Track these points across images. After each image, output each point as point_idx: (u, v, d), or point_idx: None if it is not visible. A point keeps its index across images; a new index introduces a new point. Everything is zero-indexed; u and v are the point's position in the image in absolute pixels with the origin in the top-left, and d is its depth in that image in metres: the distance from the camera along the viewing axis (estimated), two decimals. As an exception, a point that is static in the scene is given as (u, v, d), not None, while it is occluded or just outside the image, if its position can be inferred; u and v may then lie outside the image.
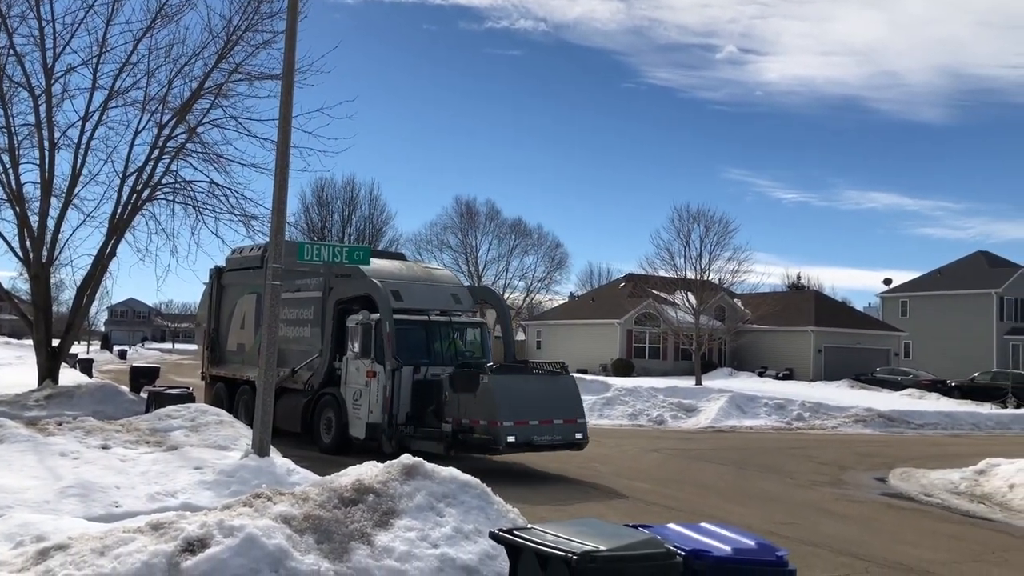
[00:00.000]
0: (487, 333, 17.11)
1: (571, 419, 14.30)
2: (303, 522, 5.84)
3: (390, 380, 14.91)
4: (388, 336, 15.04)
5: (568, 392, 14.64)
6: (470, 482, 6.77)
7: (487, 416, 13.55)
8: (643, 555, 4.89)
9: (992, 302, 57.74)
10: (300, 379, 17.28)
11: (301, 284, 17.90)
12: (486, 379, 13.73)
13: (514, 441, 13.45)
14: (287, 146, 11.45)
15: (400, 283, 16.49)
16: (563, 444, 14.17)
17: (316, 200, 49.68)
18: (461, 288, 18.07)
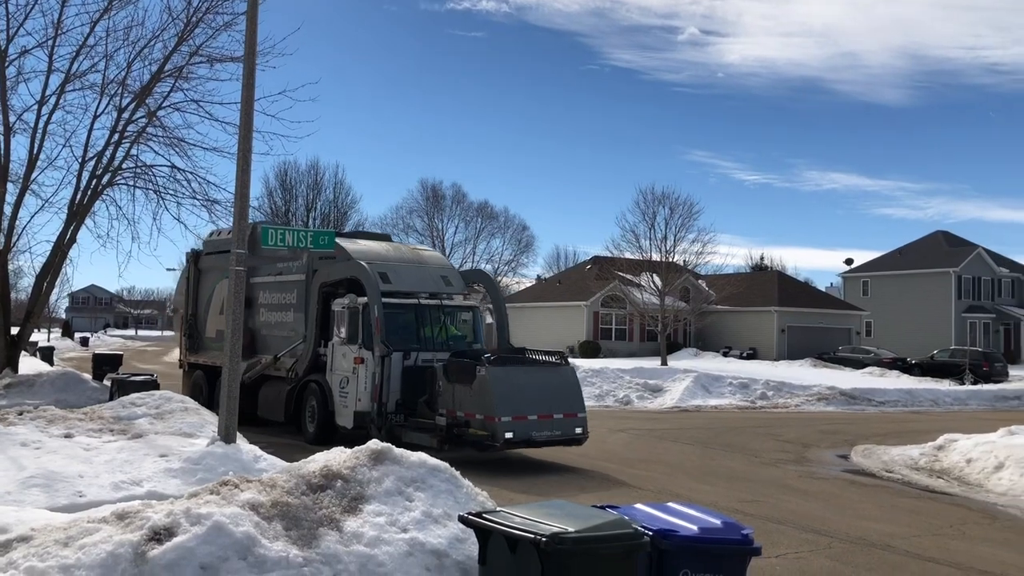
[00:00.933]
0: (480, 317, 16.59)
1: (571, 413, 13.62)
2: (271, 509, 5.81)
3: (379, 367, 14.25)
4: (376, 320, 14.37)
5: (568, 385, 13.95)
6: (439, 466, 6.78)
7: (484, 410, 12.91)
8: (611, 536, 4.95)
9: (951, 281, 58.75)
10: (283, 366, 16.62)
11: (283, 267, 17.30)
12: (483, 371, 13.00)
13: (512, 438, 12.81)
14: (249, 130, 11.31)
15: (388, 265, 15.79)
16: (563, 440, 13.54)
17: (280, 184, 49.28)
18: (452, 270, 17.35)
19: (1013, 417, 22.66)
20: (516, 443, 13.05)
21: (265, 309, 17.86)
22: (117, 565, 5.14)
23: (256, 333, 17.77)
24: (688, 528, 5.43)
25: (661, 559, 5.28)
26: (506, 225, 68.09)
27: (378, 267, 15.27)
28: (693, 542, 5.32)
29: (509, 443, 12.87)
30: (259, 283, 17.85)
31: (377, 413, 14.16)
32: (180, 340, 20.53)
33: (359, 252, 15.83)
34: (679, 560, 5.28)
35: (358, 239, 17.20)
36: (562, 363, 14.14)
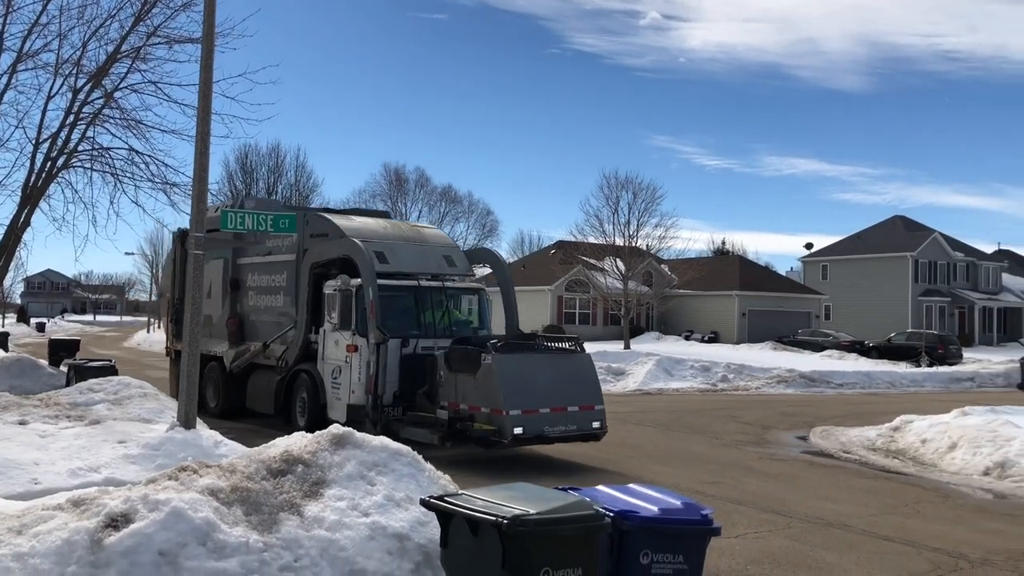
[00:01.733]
0: (486, 301, 15.22)
1: (588, 405, 12.28)
2: (231, 494, 5.76)
3: (374, 355, 13.01)
4: (371, 304, 13.12)
5: (584, 373, 12.64)
6: (401, 450, 6.76)
7: (490, 403, 11.64)
8: (573, 517, 4.97)
9: (908, 265, 59.70)
10: (273, 354, 15.40)
11: (272, 246, 16.11)
12: (489, 359, 11.77)
13: (522, 434, 11.52)
14: (208, 112, 11.14)
15: (385, 243, 14.50)
16: (578, 435, 12.25)
17: (240, 167, 48.70)
18: (455, 249, 16.01)
19: (967, 398, 23.13)
20: (527, 439, 11.79)
21: (254, 292, 16.68)
22: (72, 553, 5.07)
23: (245, 318, 16.83)
24: (649, 509, 5.47)
25: (622, 540, 5.32)
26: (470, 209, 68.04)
27: (374, 245, 14.06)
28: (653, 523, 5.36)
29: (519, 439, 11.60)
30: (247, 264, 16.88)
31: (372, 406, 12.99)
32: (167, 326, 19.27)
33: (353, 229, 14.57)
34: (640, 541, 5.32)
35: (353, 216, 15.94)
36: (577, 350, 12.89)
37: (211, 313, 17.29)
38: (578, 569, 4.90)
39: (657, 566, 5.34)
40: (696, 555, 5.49)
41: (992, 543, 8.99)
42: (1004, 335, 62.18)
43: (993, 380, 31.96)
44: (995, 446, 13.53)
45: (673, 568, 5.37)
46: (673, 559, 5.38)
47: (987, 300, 62.13)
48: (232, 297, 16.95)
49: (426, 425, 12.52)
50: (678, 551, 5.38)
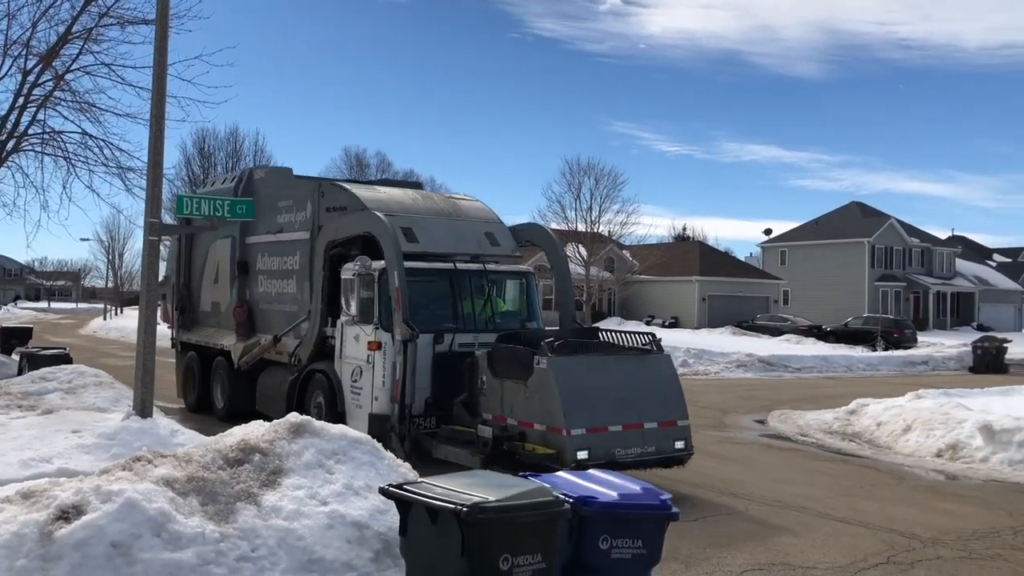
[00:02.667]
0: (534, 287, 12.88)
1: (669, 421, 9.99)
2: (186, 484, 5.68)
3: (401, 354, 10.62)
4: (397, 291, 10.75)
5: (663, 380, 10.28)
6: (360, 438, 6.72)
7: (546, 419, 9.38)
8: (532, 504, 4.97)
9: (864, 251, 60.58)
10: (285, 349, 13.10)
11: (284, 222, 13.79)
12: (544, 362, 9.46)
13: (587, 458, 9.05)
14: (163, 95, 10.93)
15: (414, 218, 12.14)
16: (656, 459, 9.85)
17: (198, 152, 47.89)
18: (499, 225, 13.36)
19: (921, 381, 23.54)
20: (593, 466, 8.55)
21: (264, 277, 14.40)
22: (22, 546, 4.97)
23: (254, 307, 14.55)
24: (608, 495, 5.49)
25: (582, 525, 5.34)
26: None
27: (400, 220, 11.73)
28: (612, 508, 5.39)
29: (583, 466, 8.65)
30: (256, 243, 14.60)
31: (399, 418, 10.64)
32: (172, 315, 17.28)
33: (376, 201, 12.22)
34: (599, 526, 5.34)
35: (378, 186, 13.52)
36: (654, 349, 10.49)
37: (218, 300, 15.64)
38: (537, 555, 4.91)
39: (616, 551, 5.36)
40: (655, 539, 5.53)
41: (943, 523, 9.17)
42: (957, 319, 63.41)
43: (946, 363, 32.58)
44: (947, 428, 13.80)
45: (632, 553, 5.41)
46: (632, 544, 5.41)
47: (941, 285, 63.28)
48: (240, 282, 14.82)
49: (465, 443, 10.33)
50: (637, 536, 5.42)
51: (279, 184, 14.13)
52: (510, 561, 4.81)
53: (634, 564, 5.42)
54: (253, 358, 13.90)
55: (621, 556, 5.37)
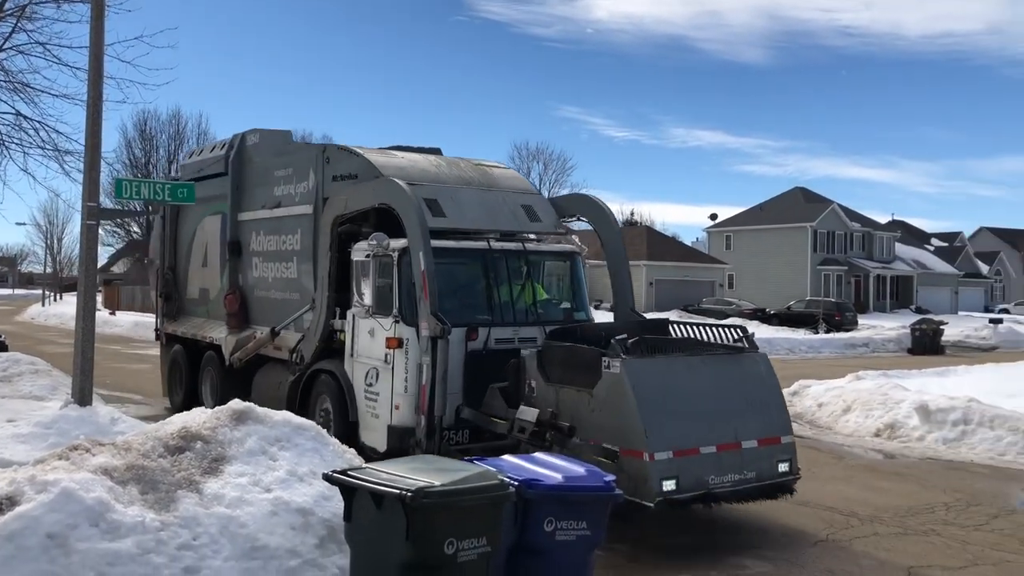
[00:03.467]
0: (582, 269, 11.05)
1: (771, 437, 8.08)
2: (125, 473, 5.58)
3: (428, 354, 8.76)
4: (424, 276, 8.87)
5: (762, 385, 8.33)
6: (304, 424, 6.67)
7: (620, 438, 7.40)
8: (477, 488, 4.98)
9: (807, 235, 61.66)
10: (285, 345, 11.22)
11: (282, 195, 11.81)
12: (617, 365, 7.51)
13: (675, 491, 7.28)
14: (100, 76, 10.65)
15: (439, 188, 10.23)
16: (757, 487, 7.89)
17: (139, 134, 46.94)
18: (538, 197, 11.51)
19: (861, 363, 24.09)
20: (682, 499, 7.37)
21: (260, 259, 12.39)
22: (-47, 538, 4.84)
23: (248, 294, 12.62)
24: (552, 477, 5.53)
25: (527, 508, 5.37)
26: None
27: (423, 191, 9.87)
28: (557, 491, 5.42)
29: (671, 500, 7.28)
30: (250, 220, 12.60)
31: (426, 432, 8.79)
32: (156, 302, 15.55)
33: (394, 168, 10.27)
34: (544, 508, 5.38)
35: (394, 151, 11.44)
36: (746, 346, 8.62)
37: (207, 286, 13.89)
38: (482, 539, 4.92)
39: (561, 532, 5.41)
40: (599, 521, 5.58)
41: (881, 500, 9.41)
42: (896, 302, 64.92)
43: (886, 345, 33.38)
44: (886, 408, 14.15)
45: (577, 534, 5.45)
46: (577, 525, 5.46)
47: (881, 269, 64.72)
48: (232, 266, 12.90)
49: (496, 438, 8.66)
50: (581, 517, 5.47)
51: (276, 150, 12.27)
52: (455, 545, 4.82)
53: (579, 545, 5.47)
54: (247, 354, 11.99)
55: (566, 538, 5.42)
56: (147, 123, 46.87)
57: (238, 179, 12.72)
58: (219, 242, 13.33)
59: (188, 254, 14.48)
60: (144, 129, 46.66)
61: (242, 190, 12.70)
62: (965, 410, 13.45)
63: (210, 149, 13.84)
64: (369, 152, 10.71)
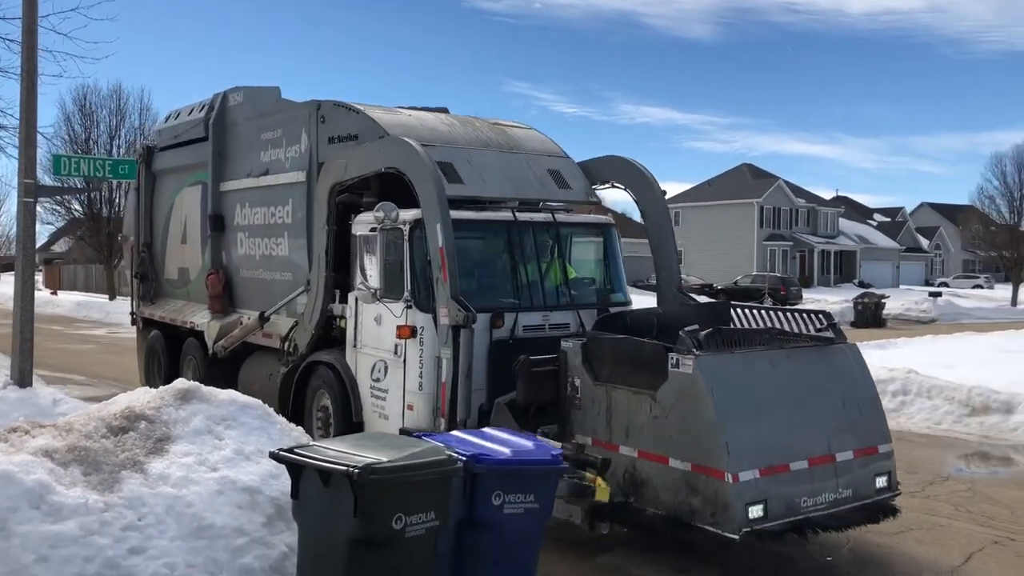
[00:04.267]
0: (617, 244, 9.80)
1: (868, 447, 6.89)
2: (67, 454, 5.50)
3: (449, 345, 7.56)
4: (442, 253, 7.66)
5: (854, 383, 7.12)
6: (250, 403, 6.62)
7: (694, 453, 6.22)
8: (425, 463, 5.00)
9: (754, 211, 62.52)
10: (276, 332, 10.05)
11: (270, 161, 10.52)
12: (689, 363, 6.25)
13: (763, 518, 6.05)
14: (34, 48, 10.35)
15: (454, 151, 8.98)
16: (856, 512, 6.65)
17: (78, 109, 45.58)
18: (566, 161, 10.04)
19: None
20: (770, 529, 6.12)
21: (246, 235, 11.12)
22: None
23: (233, 274, 11.41)
24: (500, 452, 5.57)
25: (474, 483, 5.41)
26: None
27: (436, 153, 8.55)
28: (504, 464, 5.47)
29: (760, 532, 6.05)
30: (234, 191, 11.34)
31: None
32: (131, 282, 14.34)
33: (401, 127, 8.99)
34: (491, 482, 5.42)
35: (399, 109, 9.95)
36: (832, 337, 7.34)
37: (187, 265, 12.61)
38: (430, 513, 4.95)
39: (508, 506, 5.45)
40: (547, 494, 5.64)
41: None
42: (840, 277, 66.26)
43: (829, 319, 34.04)
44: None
45: (524, 507, 5.50)
46: (524, 499, 5.50)
47: (825, 244, 65.95)
48: (215, 242, 11.63)
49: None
50: (529, 491, 5.51)
51: (262, 110, 10.88)
52: (403, 520, 4.84)
53: (527, 519, 5.52)
54: (233, 342, 10.80)
55: (513, 511, 5.46)
56: (87, 98, 45.57)
57: (220, 144, 11.48)
58: (200, 216, 12.08)
59: (166, 230, 13.19)
60: (84, 104, 45.33)
61: (225, 157, 11.46)
62: (904, 381, 13.83)
63: (188, 112, 12.47)
64: (371, 109, 9.35)
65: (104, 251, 43.06)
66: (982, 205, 54.30)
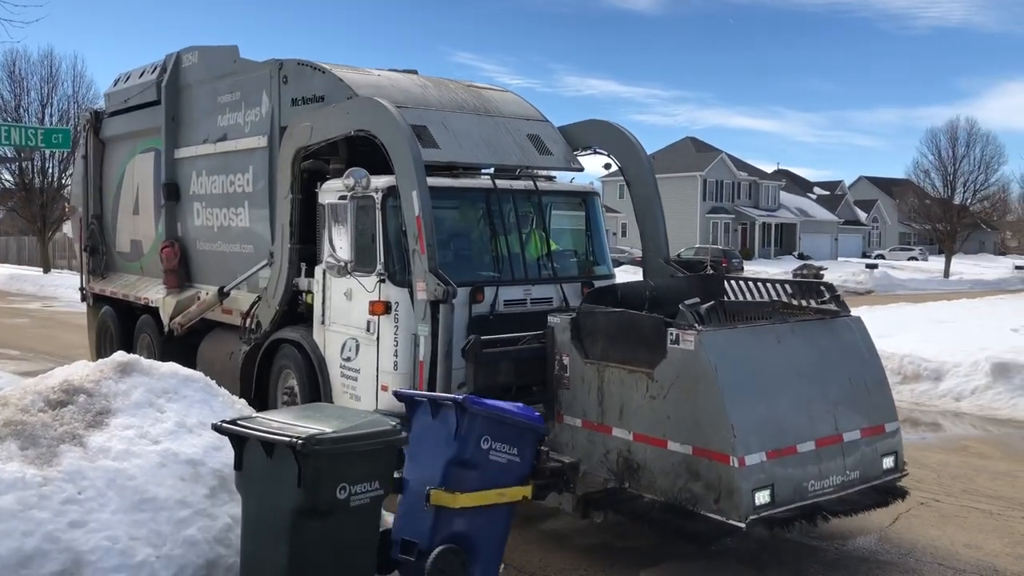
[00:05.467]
0: (600, 213, 9.52)
1: (874, 426, 6.62)
2: (3, 428, 5.40)
3: (427, 322, 7.15)
4: (419, 222, 7.22)
5: (859, 359, 6.82)
6: (192, 375, 6.57)
7: (695, 435, 5.91)
8: (368, 433, 5.04)
9: (697, 184, 63.22)
10: (237, 308, 9.61)
11: (228, 125, 10.02)
12: (690, 339, 5.93)
13: (769, 504, 5.78)
14: (-39, 12, 10.02)
15: (427, 113, 8.48)
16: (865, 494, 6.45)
17: (7, 76, 44.12)
18: (545, 125, 9.67)
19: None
20: (780, 517, 5.86)
21: (203, 205, 10.60)
22: None
23: (189, 247, 10.91)
24: (492, 403, 5.55)
25: (468, 424, 5.32)
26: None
27: (409, 115, 8.01)
28: (495, 410, 5.43)
29: (764, 518, 5.77)
30: (189, 158, 10.79)
31: None
32: (80, 256, 13.70)
33: (370, 87, 8.48)
34: (482, 425, 5.34)
35: (370, 71, 9.25)
36: (837, 309, 7.05)
37: (140, 238, 12.04)
38: (375, 483, 5.00)
39: (494, 453, 5.43)
40: (527, 451, 5.60)
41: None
42: (780, 249, 67.47)
43: (769, 290, 34.73)
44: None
45: (507, 458, 5.47)
46: (509, 450, 5.47)
47: (766, 217, 67.04)
48: (169, 212, 11.06)
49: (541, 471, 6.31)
50: (514, 444, 5.48)
51: (219, 71, 10.30)
52: (348, 490, 4.88)
53: (508, 469, 5.50)
54: (190, 318, 10.28)
55: (498, 459, 5.44)
56: (16, 64, 44.12)
57: (174, 108, 10.93)
58: (152, 185, 11.48)
59: (116, 200, 12.55)
60: (13, 70, 43.90)
61: (179, 122, 10.92)
62: (839, 350, 14.18)
63: (139, 74, 11.80)
64: (338, 68, 8.79)
65: (37, 223, 41.94)
66: (918, 179, 55.67)
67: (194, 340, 10.51)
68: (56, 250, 45.83)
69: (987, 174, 53.79)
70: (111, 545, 5.01)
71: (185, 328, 10.37)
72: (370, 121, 7.77)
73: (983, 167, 53.39)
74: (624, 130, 9.62)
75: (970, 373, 13.31)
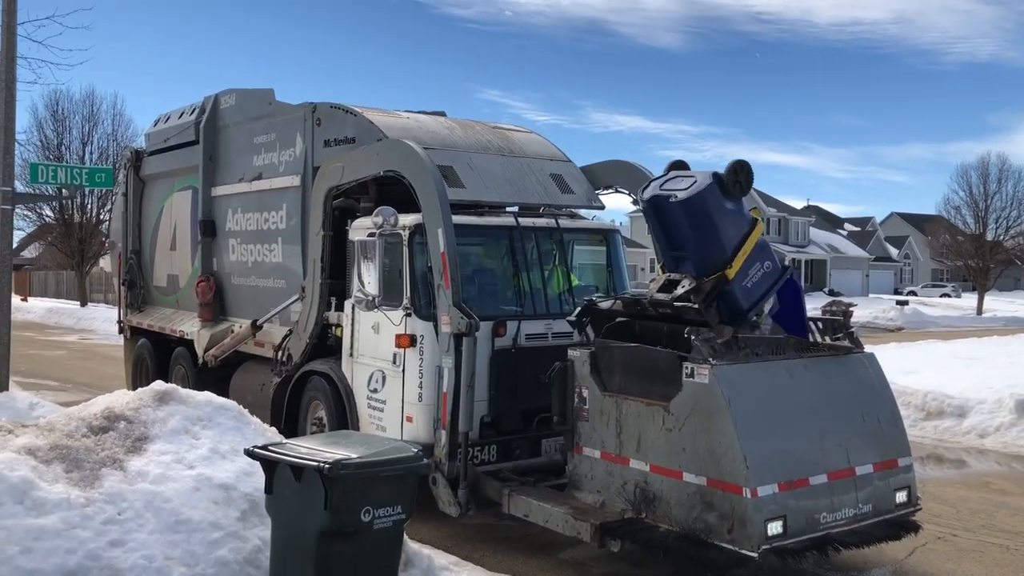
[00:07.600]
0: (622, 250, 9.90)
1: (887, 460, 6.79)
2: (49, 452, 5.73)
3: (450, 354, 7.41)
4: (444, 259, 7.51)
5: (873, 394, 7.02)
6: (226, 404, 6.87)
7: (710, 467, 6.09)
8: (392, 459, 5.30)
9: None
10: (269, 341, 9.91)
11: (264, 165, 10.39)
12: (704, 374, 6.13)
13: (782, 535, 5.95)
14: (13, 58, 10.57)
15: (455, 154, 8.93)
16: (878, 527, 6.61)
17: (51, 115, 45.41)
18: (568, 165, 10.00)
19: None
20: (794, 548, 6.03)
21: (238, 241, 10.95)
22: None
23: (225, 281, 11.27)
24: None
25: None
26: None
27: (436, 157, 8.39)
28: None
29: (777, 549, 5.91)
30: (226, 196, 11.20)
31: (448, 451, 7.34)
32: (119, 290, 14.02)
33: (399, 129, 8.91)
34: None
35: (395, 113, 9.76)
36: (851, 346, 7.25)
37: (177, 272, 12.46)
38: (397, 507, 5.26)
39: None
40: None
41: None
42: (811, 285, 67.07)
43: (797, 327, 34.57)
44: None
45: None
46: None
47: (796, 252, 66.84)
48: (205, 248, 11.48)
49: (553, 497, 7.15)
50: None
51: (255, 113, 10.72)
52: (372, 513, 5.13)
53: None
54: (224, 351, 10.59)
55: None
56: (59, 103, 45.43)
57: (211, 148, 11.35)
58: (190, 221, 11.88)
59: (154, 236, 12.99)
60: (56, 110, 45.15)
61: (216, 161, 11.32)
62: (862, 386, 14.21)
63: (178, 115, 12.30)
64: (369, 111, 9.20)
65: (75, 257, 42.92)
66: (949, 215, 55.30)
67: (226, 372, 10.81)
68: (93, 284, 46.79)
69: (1020, 210, 53.33)
70: (148, 564, 5.28)
71: (219, 360, 10.68)
72: (399, 162, 8.08)
73: (1015, 203, 53.00)
74: (643, 168, 9.81)
75: (994, 410, 13.31)
